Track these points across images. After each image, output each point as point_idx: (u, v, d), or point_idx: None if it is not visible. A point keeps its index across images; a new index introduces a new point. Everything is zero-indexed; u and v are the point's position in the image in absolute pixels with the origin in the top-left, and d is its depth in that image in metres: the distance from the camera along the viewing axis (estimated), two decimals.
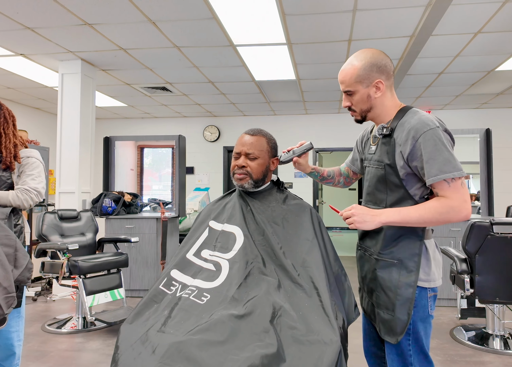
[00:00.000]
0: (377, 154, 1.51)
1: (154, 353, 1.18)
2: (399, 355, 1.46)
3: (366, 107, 1.50)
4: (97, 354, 3.07)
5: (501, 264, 2.93)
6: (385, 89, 1.47)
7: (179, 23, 3.73)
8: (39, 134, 7.07)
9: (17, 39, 4.13)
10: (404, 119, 1.44)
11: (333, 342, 1.21)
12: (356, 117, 1.55)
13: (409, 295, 1.41)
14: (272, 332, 1.22)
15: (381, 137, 1.49)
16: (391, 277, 1.45)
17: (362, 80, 1.45)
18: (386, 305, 1.45)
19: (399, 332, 1.42)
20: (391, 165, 1.44)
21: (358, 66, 1.45)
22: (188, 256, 1.55)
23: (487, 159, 4.44)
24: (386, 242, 1.46)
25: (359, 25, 3.77)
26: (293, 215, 1.59)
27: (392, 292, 1.44)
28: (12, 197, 2.16)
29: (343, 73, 1.50)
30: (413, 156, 1.38)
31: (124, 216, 4.76)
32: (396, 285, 1.43)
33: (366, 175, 1.60)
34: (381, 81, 1.45)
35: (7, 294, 1.79)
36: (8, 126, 2.21)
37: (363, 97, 1.47)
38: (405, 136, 1.40)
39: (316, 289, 1.36)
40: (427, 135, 1.36)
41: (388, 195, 1.47)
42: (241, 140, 1.67)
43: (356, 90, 1.47)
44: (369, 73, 1.45)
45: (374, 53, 1.47)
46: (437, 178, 1.34)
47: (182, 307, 1.34)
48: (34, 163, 2.28)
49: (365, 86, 1.46)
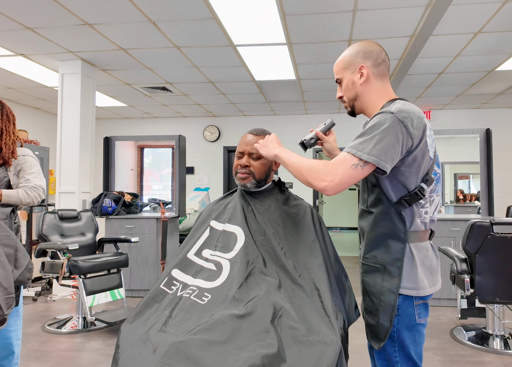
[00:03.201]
0: None
1: (155, 352, 1.18)
2: (386, 360, 1.41)
3: (352, 95, 1.44)
4: (97, 354, 3.07)
5: (501, 264, 2.93)
6: (372, 76, 1.41)
7: (179, 23, 3.73)
8: (39, 134, 7.07)
9: (17, 39, 4.13)
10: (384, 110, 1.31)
11: (334, 343, 1.21)
12: (346, 107, 1.49)
13: (391, 301, 1.34)
14: (273, 332, 1.22)
15: None
16: (375, 283, 1.38)
17: (348, 66, 1.43)
18: (371, 310, 1.40)
19: (382, 338, 1.37)
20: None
21: (348, 52, 1.45)
22: (189, 256, 1.55)
23: (487, 159, 4.44)
24: (369, 245, 1.40)
25: (359, 25, 3.77)
26: (294, 216, 1.59)
27: (376, 298, 1.37)
28: (22, 195, 2.17)
29: (336, 62, 1.48)
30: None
31: (124, 216, 4.76)
32: (379, 291, 1.36)
33: None
34: (363, 66, 1.40)
35: (7, 294, 1.79)
36: (9, 124, 2.24)
37: (348, 84, 1.44)
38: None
39: (317, 290, 1.36)
40: (375, 120, 1.28)
41: (369, 194, 1.40)
42: (244, 140, 1.66)
43: (342, 77, 1.45)
44: (354, 59, 1.42)
45: (365, 42, 1.45)
46: (346, 150, 1.27)
47: (182, 307, 1.34)
48: (32, 161, 2.29)
49: (350, 72, 1.43)
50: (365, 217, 1.42)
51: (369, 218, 1.40)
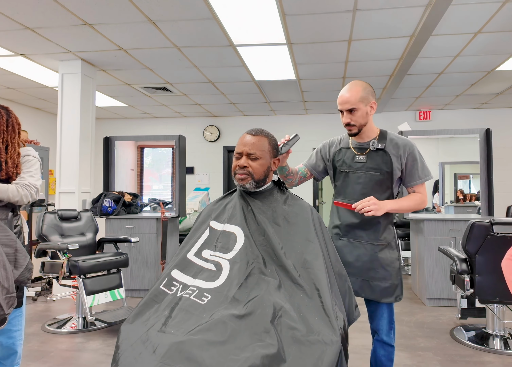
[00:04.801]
0: (370, 163, 1.94)
1: (155, 353, 1.18)
2: (389, 312, 1.95)
3: (364, 122, 1.93)
4: (97, 354, 3.07)
5: (501, 264, 2.93)
6: (374, 111, 1.94)
7: (179, 23, 3.73)
8: (39, 134, 7.07)
9: (17, 39, 4.13)
10: (390, 137, 1.97)
11: (334, 343, 1.21)
12: (354, 130, 1.94)
13: (398, 266, 1.95)
14: (273, 332, 1.22)
15: (374, 150, 1.94)
16: (386, 255, 1.93)
17: (363, 100, 1.89)
18: (384, 277, 1.91)
19: (398, 293, 1.93)
20: (388, 172, 1.92)
21: (359, 89, 1.90)
22: (188, 256, 1.55)
23: (487, 159, 4.44)
24: (382, 231, 1.94)
25: (359, 25, 3.77)
26: (294, 216, 1.58)
27: (389, 266, 1.92)
28: (11, 191, 2.09)
29: (347, 95, 1.89)
30: (406, 165, 1.94)
31: (124, 216, 4.76)
32: (390, 260, 1.93)
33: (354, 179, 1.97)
34: (374, 102, 1.94)
35: (8, 294, 1.80)
36: (14, 136, 2.18)
37: (363, 114, 1.90)
38: (402, 151, 1.93)
39: (317, 290, 1.36)
40: (415, 151, 1.95)
41: (380, 195, 1.93)
42: (242, 140, 1.66)
43: (359, 108, 1.89)
44: (368, 96, 1.91)
45: (367, 83, 1.95)
46: (421, 181, 1.96)
47: (182, 307, 1.34)
48: (32, 160, 2.24)
49: (364, 104, 1.90)
50: None
51: None
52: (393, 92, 5.90)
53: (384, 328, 1.97)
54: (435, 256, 4.25)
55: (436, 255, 4.23)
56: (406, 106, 7.05)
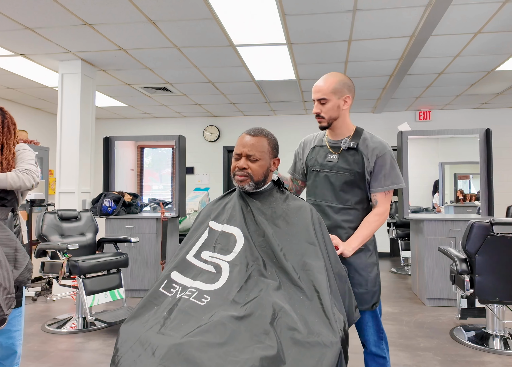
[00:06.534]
0: (342, 163, 1.84)
1: (154, 355, 1.17)
2: (374, 320, 1.85)
3: (335, 115, 1.83)
4: (97, 354, 3.07)
5: (501, 264, 2.93)
6: (349, 107, 1.84)
7: (179, 23, 3.73)
8: (39, 134, 7.07)
9: (17, 39, 4.13)
10: (364, 136, 1.85)
11: (334, 344, 1.20)
12: (323, 123, 1.86)
13: (376, 271, 1.85)
14: (272, 334, 1.21)
15: (346, 149, 1.84)
16: (362, 260, 1.81)
17: (336, 92, 1.80)
18: (359, 283, 1.79)
19: (375, 300, 1.82)
20: (359, 173, 1.81)
21: (334, 80, 1.81)
22: (188, 258, 1.53)
23: (487, 159, 4.44)
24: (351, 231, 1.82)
25: (359, 25, 3.77)
26: (294, 216, 1.57)
27: (364, 271, 1.81)
28: (11, 178, 2.03)
29: (321, 84, 1.82)
30: (373, 168, 1.81)
31: (124, 216, 4.75)
32: (366, 265, 1.82)
33: (324, 179, 1.87)
34: (349, 97, 1.83)
35: (7, 294, 1.80)
36: (10, 137, 2.16)
37: (334, 106, 1.81)
38: (371, 153, 1.80)
39: (317, 292, 1.35)
40: (386, 155, 1.80)
41: (352, 196, 1.83)
42: (242, 141, 1.63)
43: (330, 99, 1.80)
44: (342, 88, 1.81)
45: (347, 77, 1.85)
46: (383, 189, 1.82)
47: (181, 309, 1.33)
48: (25, 152, 2.20)
49: (337, 97, 1.80)
50: (347, 212, 1.84)
51: (353, 212, 1.84)
52: (393, 92, 5.90)
53: (371, 338, 1.85)
54: (435, 256, 4.25)
55: (436, 255, 4.23)
56: (406, 106, 7.04)
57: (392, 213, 6.60)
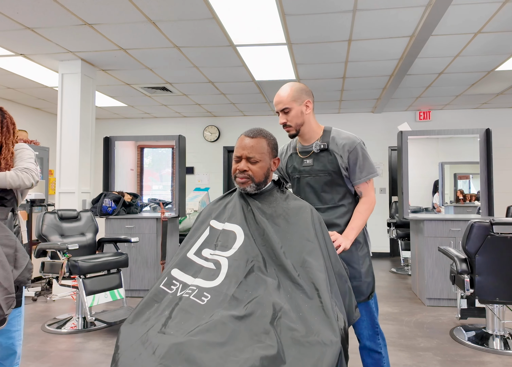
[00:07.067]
0: (317, 165, 1.90)
1: (154, 354, 1.17)
2: (367, 314, 1.87)
3: (300, 122, 1.88)
4: (97, 354, 3.07)
5: (501, 264, 2.93)
6: (311, 110, 1.90)
7: (179, 23, 3.73)
8: (39, 134, 7.07)
9: (17, 39, 4.13)
10: (332, 135, 1.90)
11: (333, 344, 1.20)
12: (291, 131, 1.91)
13: (368, 262, 1.90)
14: (273, 334, 1.21)
15: (318, 152, 1.90)
16: (352, 253, 1.86)
17: (296, 99, 1.86)
18: (353, 276, 1.83)
19: (370, 290, 1.87)
20: (335, 171, 1.87)
21: (292, 88, 1.87)
22: (189, 256, 1.55)
23: (487, 159, 4.44)
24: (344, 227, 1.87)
25: (359, 25, 3.77)
26: (294, 215, 1.57)
27: (356, 263, 1.86)
28: (11, 177, 2.03)
29: (280, 95, 1.88)
30: (348, 163, 1.87)
31: (124, 216, 4.76)
32: (357, 258, 1.87)
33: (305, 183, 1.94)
34: (309, 101, 1.88)
35: (7, 294, 1.80)
36: (9, 136, 2.16)
37: (298, 113, 1.87)
38: (342, 150, 1.86)
39: (317, 290, 1.35)
40: (356, 148, 1.86)
41: (334, 194, 1.91)
42: (241, 143, 1.64)
43: (292, 107, 1.86)
44: (300, 95, 1.87)
45: (302, 84, 1.93)
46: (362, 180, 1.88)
47: (182, 307, 1.33)
48: (24, 151, 2.20)
49: (298, 104, 1.86)
50: (333, 210, 1.91)
51: (340, 209, 1.91)
52: (393, 92, 5.91)
53: (364, 332, 1.87)
54: (435, 256, 4.25)
55: (436, 255, 4.23)
56: (406, 106, 7.05)
57: (392, 213, 6.60)
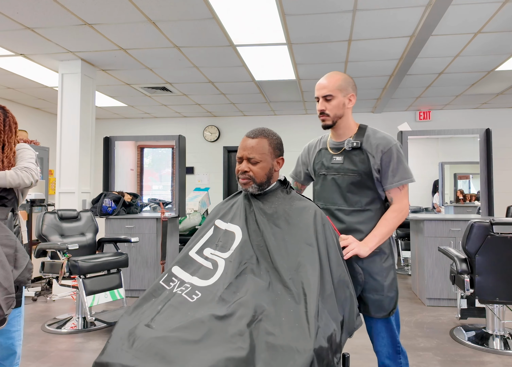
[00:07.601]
0: (347, 164, 1.78)
1: (133, 346, 1.22)
2: (387, 330, 1.75)
3: (340, 113, 1.78)
4: (97, 354, 3.05)
5: (501, 264, 2.93)
6: (352, 106, 1.80)
7: (179, 23, 3.73)
8: (39, 134, 7.07)
9: (17, 39, 4.13)
10: (367, 134, 1.79)
11: (306, 351, 1.15)
12: (328, 121, 1.79)
13: (392, 275, 1.76)
14: (247, 336, 1.19)
15: (350, 149, 1.78)
16: (376, 264, 1.74)
17: (342, 89, 1.77)
18: (375, 288, 1.72)
19: (392, 307, 1.73)
20: (366, 172, 1.75)
21: (340, 78, 1.78)
22: (190, 254, 1.57)
23: (487, 159, 4.44)
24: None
25: (359, 25, 3.77)
26: (296, 217, 1.55)
27: (379, 276, 1.73)
28: (10, 176, 2.04)
29: (326, 80, 1.78)
30: (380, 165, 1.75)
31: (124, 216, 4.76)
32: (381, 269, 1.74)
33: (331, 182, 1.83)
34: (353, 95, 1.80)
35: (7, 294, 1.80)
36: (11, 135, 2.17)
37: (340, 104, 1.77)
38: (375, 150, 1.74)
39: (305, 296, 1.31)
40: (391, 150, 1.74)
41: (362, 197, 1.77)
42: (242, 144, 1.64)
43: (335, 95, 1.76)
44: (347, 86, 1.78)
45: (349, 76, 1.83)
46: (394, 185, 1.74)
47: (172, 303, 1.36)
48: (25, 151, 2.22)
49: (343, 95, 1.77)
50: (359, 214, 1.78)
51: (366, 214, 1.77)
52: (393, 92, 5.90)
53: (384, 349, 1.76)
54: (435, 256, 4.25)
55: (436, 255, 4.23)
56: (406, 106, 7.05)
57: None
